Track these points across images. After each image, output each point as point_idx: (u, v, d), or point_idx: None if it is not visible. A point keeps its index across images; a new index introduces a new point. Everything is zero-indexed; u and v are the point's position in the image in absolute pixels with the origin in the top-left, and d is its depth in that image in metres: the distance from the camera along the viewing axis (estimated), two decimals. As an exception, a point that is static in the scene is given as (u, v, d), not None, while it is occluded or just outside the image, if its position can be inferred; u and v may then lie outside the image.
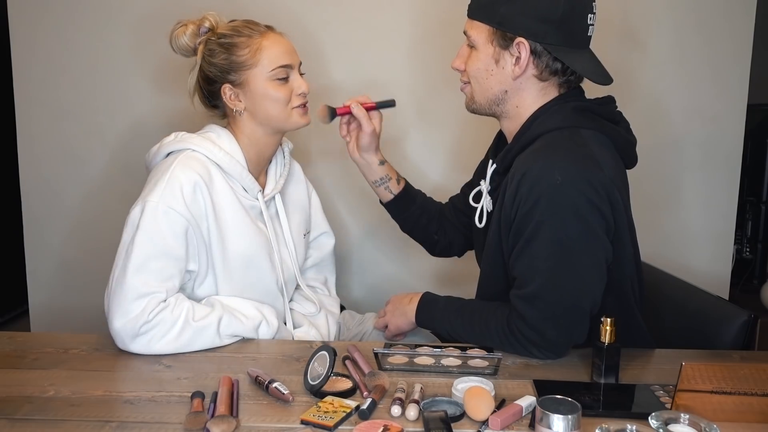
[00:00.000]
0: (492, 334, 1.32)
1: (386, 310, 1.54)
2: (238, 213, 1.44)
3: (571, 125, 1.31)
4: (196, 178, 1.38)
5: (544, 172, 1.24)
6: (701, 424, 0.96)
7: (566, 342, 1.30)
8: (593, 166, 1.25)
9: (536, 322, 1.26)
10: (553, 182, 1.23)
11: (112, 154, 2.15)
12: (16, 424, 1.07)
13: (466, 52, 1.38)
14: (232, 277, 1.44)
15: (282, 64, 1.44)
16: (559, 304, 1.26)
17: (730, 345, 1.40)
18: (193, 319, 1.33)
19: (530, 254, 1.27)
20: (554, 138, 1.30)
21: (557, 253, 1.25)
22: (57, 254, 2.20)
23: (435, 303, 1.45)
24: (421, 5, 2.03)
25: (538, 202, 1.24)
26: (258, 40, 1.44)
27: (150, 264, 1.32)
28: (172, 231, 1.34)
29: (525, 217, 1.26)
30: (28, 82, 2.13)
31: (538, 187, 1.24)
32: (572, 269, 1.26)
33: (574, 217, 1.24)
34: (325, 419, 1.06)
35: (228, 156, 1.44)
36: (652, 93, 2.06)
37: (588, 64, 1.33)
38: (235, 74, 1.44)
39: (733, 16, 2.02)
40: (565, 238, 1.24)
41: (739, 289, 2.55)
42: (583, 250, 1.26)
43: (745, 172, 2.28)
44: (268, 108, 1.45)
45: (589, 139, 1.29)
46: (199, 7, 1.48)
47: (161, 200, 1.34)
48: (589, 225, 1.25)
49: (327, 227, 1.75)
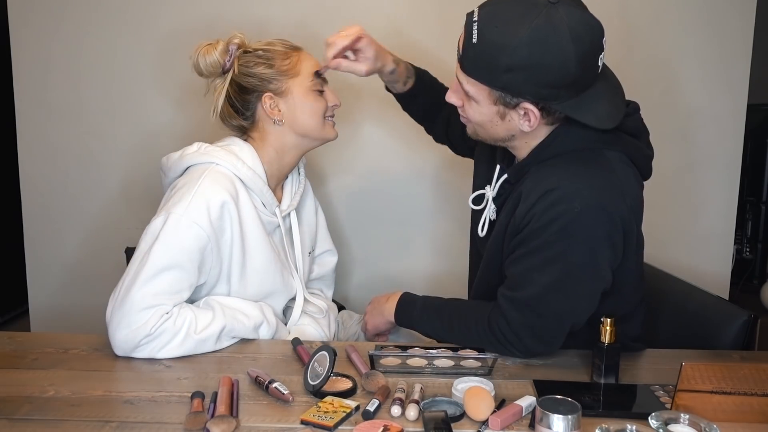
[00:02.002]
0: (471, 332, 1.33)
1: (366, 310, 1.55)
2: (258, 228, 1.45)
3: (593, 146, 1.26)
4: (226, 197, 1.37)
5: (564, 197, 1.21)
6: (701, 424, 0.96)
7: (541, 351, 1.31)
8: (617, 196, 1.22)
9: (518, 327, 1.26)
10: (572, 209, 1.20)
11: (112, 154, 2.15)
12: (16, 424, 1.07)
13: (462, 91, 1.27)
14: (246, 290, 1.45)
15: (321, 75, 1.49)
16: (544, 318, 1.26)
17: (730, 345, 1.40)
18: (195, 332, 1.33)
19: (531, 264, 1.26)
20: (578, 159, 1.25)
21: (557, 274, 1.24)
22: (57, 254, 2.20)
23: (413, 303, 1.45)
24: (423, 7, 2.04)
25: (552, 225, 1.22)
26: (297, 54, 1.48)
27: (162, 275, 1.31)
28: (190, 245, 1.34)
29: (534, 232, 1.24)
30: (28, 82, 2.13)
31: (554, 211, 1.21)
32: (567, 294, 1.25)
33: (584, 247, 1.22)
34: (325, 419, 1.06)
35: (251, 171, 1.44)
36: (652, 93, 2.06)
37: (599, 105, 1.22)
38: (278, 83, 1.46)
39: (733, 16, 2.02)
40: (569, 264, 1.23)
41: (739, 289, 2.56)
42: (583, 279, 1.25)
43: (745, 172, 2.28)
44: (306, 117, 1.47)
45: (614, 163, 1.25)
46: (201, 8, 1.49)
47: (186, 213, 1.33)
48: (596, 259, 1.24)
49: (331, 245, 1.76)
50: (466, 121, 1.33)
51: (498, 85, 1.19)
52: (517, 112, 1.23)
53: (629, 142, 1.30)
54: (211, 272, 1.40)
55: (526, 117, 1.23)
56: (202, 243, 1.35)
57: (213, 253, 1.38)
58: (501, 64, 1.16)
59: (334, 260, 1.77)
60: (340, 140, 1.52)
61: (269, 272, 1.47)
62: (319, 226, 1.72)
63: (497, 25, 1.16)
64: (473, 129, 1.34)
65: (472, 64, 1.21)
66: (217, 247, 1.38)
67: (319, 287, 1.75)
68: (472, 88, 1.23)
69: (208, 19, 2.04)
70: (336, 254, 1.77)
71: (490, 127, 1.29)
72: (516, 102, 1.21)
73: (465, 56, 1.21)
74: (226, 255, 1.40)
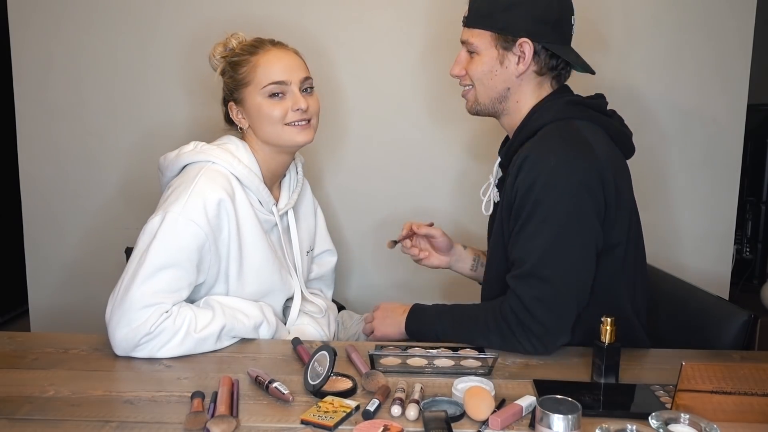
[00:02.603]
0: (481, 325, 1.35)
1: (374, 316, 1.55)
2: (255, 226, 1.45)
3: (565, 117, 1.40)
4: (222, 195, 1.38)
5: (540, 157, 1.33)
6: (701, 424, 0.96)
7: (556, 328, 1.31)
8: (585, 149, 1.34)
9: (529, 301, 1.30)
10: (548, 164, 1.31)
11: (112, 154, 2.15)
12: (16, 424, 1.07)
13: (465, 58, 1.46)
14: (244, 289, 1.45)
15: (275, 81, 1.43)
16: (551, 283, 1.30)
17: (730, 345, 1.40)
18: (195, 331, 1.33)
19: (525, 235, 1.33)
20: (550, 129, 1.39)
21: (549, 233, 1.31)
22: (57, 254, 2.20)
23: (423, 310, 1.48)
24: (428, 8, 2.04)
25: (534, 184, 1.31)
26: (257, 57, 1.45)
27: (161, 274, 1.31)
28: (188, 244, 1.34)
29: (522, 199, 1.33)
30: (27, 82, 2.13)
31: (534, 171, 1.32)
32: (562, 247, 1.31)
33: (566, 196, 1.31)
34: (325, 419, 1.06)
35: (246, 169, 1.44)
36: (653, 93, 2.06)
37: (577, 57, 1.44)
38: (237, 92, 1.46)
39: (733, 16, 2.02)
40: (556, 216, 1.30)
41: (739, 289, 2.55)
42: (573, 229, 1.31)
43: (745, 172, 2.28)
44: (263, 125, 1.46)
45: (582, 128, 1.38)
46: (201, 8, 1.48)
47: (183, 212, 1.34)
48: (579, 205, 1.31)
49: (330, 245, 1.76)
50: (467, 92, 1.48)
51: (498, 26, 1.40)
52: (513, 54, 1.40)
53: (597, 116, 1.42)
54: (210, 271, 1.40)
55: (522, 56, 1.40)
56: (199, 241, 1.35)
57: (211, 252, 1.38)
58: (500, 4, 1.39)
59: (334, 260, 1.77)
60: (340, 140, 1.52)
61: (267, 270, 1.47)
62: (318, 225, 1.72)
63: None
64: (474, 97, 1.47)
65: (476, 14, 1.42)
66: (215, 246, 1.38)
67: (319, 287, 1.75)
68: (476, 39, 1.42)
69: (208, 19, 2.05)
70: (335, 254, 1.77)
71: (490, 80, 1.43)
72: (513, 40, 1.39)
73: (470, 12, 1.44)
74: (224, 253, 1.41)
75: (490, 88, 1.44)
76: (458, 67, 1.47)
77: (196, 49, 2.06)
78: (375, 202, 2.14)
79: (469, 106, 1.50)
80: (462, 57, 1.47)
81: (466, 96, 1.49)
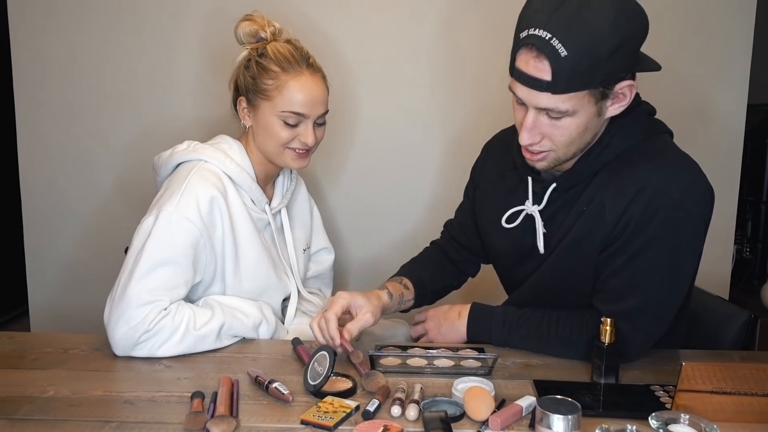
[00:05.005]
0: (573, 341, 1.31)
1: (427, 328, 1.47)
2: (248, 224, 1.45)
3: (648, 134, 1.28)
4: (214, 192, 1.38)
5: (661, 188, 1.21)
6: (701, 424, 0.96)
7: (646, 348, 1.31)
8: (700, 171, 1.24)
9: (629, 335, 1.25)
10: (671, 197, 1.20)
11: (112, 154, 2.15)
12: (16, 424, 1.07)
13: (542, 124, 1.21)
14: (241, 287, 1.45)
15: (295, 111, 1.42)
16: (655, 317, 1.28)
17: (730, 345, 1.40)
18: (194, 328, 1.33)
19: (634, 269, 1.24)
20: (647, 151, 1.25)
21: (665, 268, 1.24)
22: (57, 254, 2.20)
23: (488, 313, 1.40)
24: (433, 8, 2.04)
25: (654, 218, 1.21)
26: (287, 77, 1.41)
27: (157, 271, 1.32)
28: (183, 241, 1.34)
29: (634, 232, 1.22)
30: (28, 82, 2.13)
31: (655, 204, 1.20)
32: (674, 285, 1.27)
33: (689, 233, 1.23)
34: (325, 419, 1.06)
35: (239, 168, 1.45)
36: (652, 93, 2.05)
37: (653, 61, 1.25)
38: (253, 96, 1.45)
39: (733, 16, 2.02)
40: (675, 255, 1.23)
41: (739, 289, 2.56)
42: (686, 266, 1.27)
43: (745, 172, 2.28)
44: (266, 140, 1.45)
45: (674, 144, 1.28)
46: (199, 8, 1.48)
47: (176, 210, 1.34)
48: (696, 243, 1.26)
49: (327, 243, 1.77)
50: (544, 156, 1.25)
51: (598, 79, 1.15)
52: (611, 100, 1.21)
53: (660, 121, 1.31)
54: (207, 269, 1.41)
55: (621, 97, 1.21)
56: (194, 238, 1.36)
57: (206, 249, 1.38)
58: (602, 55, 1.12)
59: (331, 258, 1.77)
60: (340, 140, 1.52)
61: (262, 268, 1.48)
62: (314, 223, 1.72)
63: (576, 26, 1.11)
64: (555, 158, 1.26)
65: (569, 77, 1.13)
66: (210, 243, 1.39)
67: (318, 286, 1.75)
68: (569, 103, 1.16)
69: (208, 19, 2.05)
70: (332, 252, 1.77)
71: (582, 135, 1.23)
72: (613, 86, 1.19)
73: (557, 78, 1.14)
74: (219, 250, 1.41)
75: (579, 144, 1.24)
76: (531, 136, 1.22)
77: (196, 49, 2.07)
78: (374, 202, 2.14)
79: (544, 166, 1.28)
80: (535, 122, 1.20)
81: (537, 161, 1.27)
